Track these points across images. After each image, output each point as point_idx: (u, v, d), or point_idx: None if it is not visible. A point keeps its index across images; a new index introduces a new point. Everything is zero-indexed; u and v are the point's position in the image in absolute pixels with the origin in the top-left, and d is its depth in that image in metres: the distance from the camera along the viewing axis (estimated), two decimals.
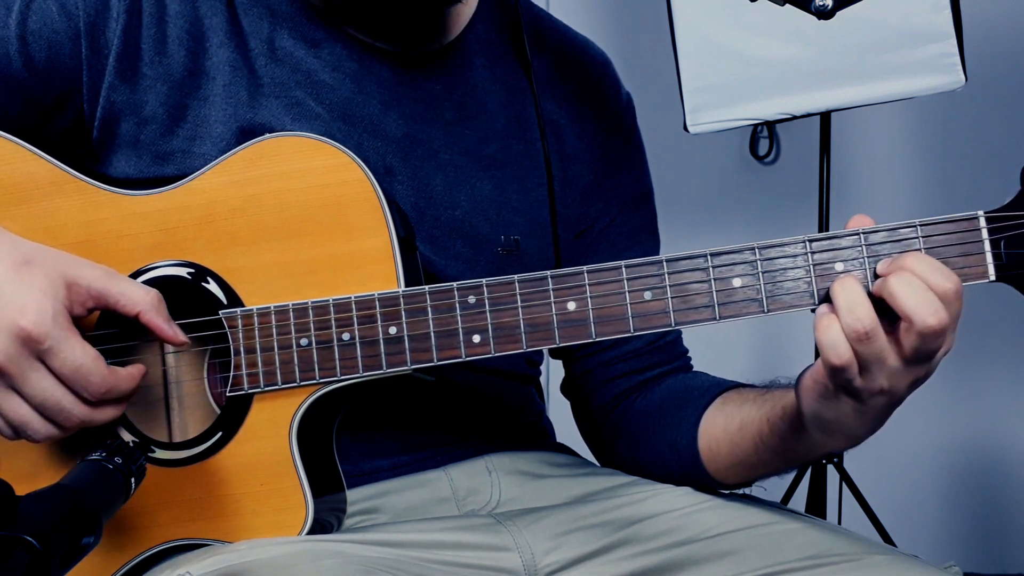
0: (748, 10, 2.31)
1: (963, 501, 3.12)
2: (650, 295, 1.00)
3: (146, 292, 1.00)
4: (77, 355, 0.95)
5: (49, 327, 0.94)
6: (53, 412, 0.96)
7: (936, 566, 1.06)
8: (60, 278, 0.97)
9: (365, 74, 1.19)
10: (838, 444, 1.05)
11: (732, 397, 1.18)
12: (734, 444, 1.14)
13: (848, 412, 0.99)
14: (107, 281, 0.99)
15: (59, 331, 0.95)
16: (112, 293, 0.99)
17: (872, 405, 0.98)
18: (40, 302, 0.94)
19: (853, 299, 0.94)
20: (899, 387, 0.97)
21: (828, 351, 0.95)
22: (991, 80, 2.80)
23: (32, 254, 0.98)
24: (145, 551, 1.04)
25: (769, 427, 1.10)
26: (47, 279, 0.96)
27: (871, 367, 0.95)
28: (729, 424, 1.15)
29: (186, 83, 1.13)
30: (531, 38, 1.28)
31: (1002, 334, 2.94)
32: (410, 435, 1.19)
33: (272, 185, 1.04)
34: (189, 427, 1.07)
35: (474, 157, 1.23)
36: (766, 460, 1.13)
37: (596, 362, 1.29)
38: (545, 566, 1.10)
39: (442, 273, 1.17)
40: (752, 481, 1.18)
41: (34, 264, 0.97)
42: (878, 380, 0.95)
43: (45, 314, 0.94)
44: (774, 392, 1.11)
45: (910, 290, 0.93)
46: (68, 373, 0.95)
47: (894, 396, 0.97)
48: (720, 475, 1.17)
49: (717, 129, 2.40)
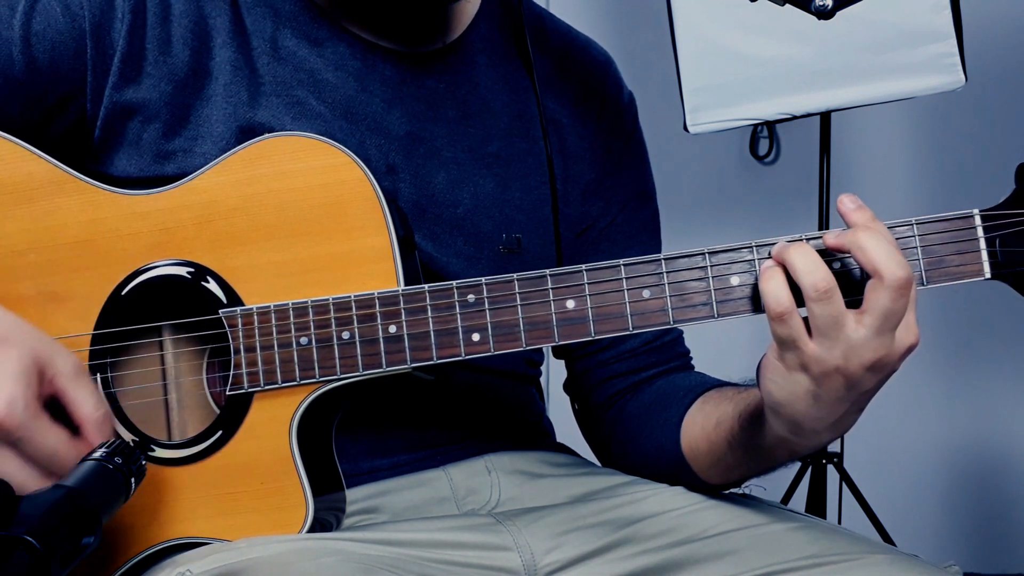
0: (748, 10, 2.31)
1: (963, 501, 3.12)
2: (649, 293, 1.00)
3: (97, 408, 0.98)
4: (50, 443, 0.94)
5: (20, 417, 0.92)
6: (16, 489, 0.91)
7: (936, 566, 1.05)
8: (33, 363, 0.94)
9: (368, 73, 1.19)
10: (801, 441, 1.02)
11: (712, 396, 1.18)
12: (711, 443, 1.13)
13: (801, 393, 0.96)
14: (69, 381, 0.97)
15: (31, 420, 0.93)
16: (70, 396, 0.97)
17: (828, 388, 0.95)
18: (11, 391, 0.92)
19: (812, 260, 0.94)
20: (856, 368, 0.93)
21: (769, 299, 0.94)
22: (991, 80, 2.80)
23: (6, 331, 0.96)
24: (145, 550, 1.04)
25: (739, 423, 1.09)
26: (20, 362, 0.93)
27: (828, 331, 0.93)
28: (707, 423, 1.14)
29: (189, 83, 1.14)
30: (533, 37, 1.28)
31: (1000, 333, 2.95)
32: (410, 434, 1.19)
33: (272, 184, 1.04)
34: (189, 426, 1.07)
35: (477, 155, 1.23)
36: (740, 458, 1.11)
37: (595, 361, 1.29)
38: (545, 566, 1.10)
39: (443, 271, 1.17)
40: (735, 481, 1.16)
41: (8, 345, 0.94)
42: (833, 352, 0.93)
43: (16, 403, 0.92)
44: (751, 389, 1.09)
45: (877, 243, 0.93)
46: (42, 459, 0.94)
47: (851, 379, 0.94)
48: (704, 475, 1.16)
49: (717, 129, 2.40)
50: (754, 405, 1.06)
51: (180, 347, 1.07)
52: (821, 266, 0.94)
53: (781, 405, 0.98)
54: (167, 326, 1.06)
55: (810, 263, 0.94)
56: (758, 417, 1.05)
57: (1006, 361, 3.05)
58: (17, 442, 0.93)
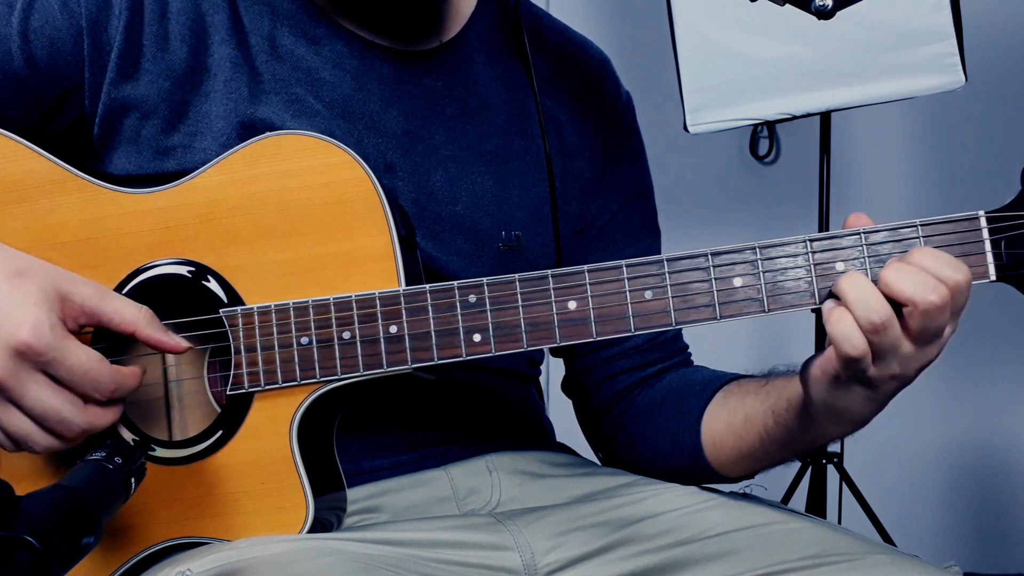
0: (748, 10, 2.31)
1: (963, 501, 3.12)
2: (651, 294, 1.00)
3: (139, 309, 1.00)
4: (83, 359, 0.95)
5: (49, 338, 0.93)
6: (53, 423, 0.95)
7: (936, 566, 1.05)
8: (54, 291, 0.96)
9: (365, 71, 1.19)
10: (845, 430, 1.06)
11: (733, 390, 1.19)
12: (739, 438, 1.15)
13: (858, 400, 1.01)
14: (100, 299, 0.99)
15: (59, 341, 0.94)
16: (106, 312, 0.98)
17: (884, 390, 1.00)
18: (36, 314, 0.94)
19: (865, 292, 0.95)
20: (909, 371, 0.98)
21: (843, 343, 0.96)
22: (991, 80, 2.80)
23: (25, 266, 0.97)
24: (145, 549, 1.04)
25: (775, 419, 1.11)
26: (41, 291, 0.95)
27: (885, 356, 0.96)
28: (733, 418, 1.16)
29: (187, 79, 1.14)
30: (530, 36, 1.28)
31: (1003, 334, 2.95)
32: (411, 434, 1.19)
33: (273, 183, 1.04)
34: (189, 426, 1.07)
35: (475, 153, 1.23)
36: (772, 452, 1.14)
37: (596, 359, 1.29)
38: (545, 565, 1.10)
39: (443, 269, 1.17)
40: (757, 472, 1.19)
41: (27, 276, 0.96)
42: (891, 367, 0.97)
43: (43, 325, 0.93)
44: (774, 383, 1.13)
45: (901, 275, 0.95)
46: (77, 379, 0.95)
47: (905, 379, 0.99)
48: (724, 469, 1.19)
49: (717, 129, 2.40)
50: (790, 403, 1.08)
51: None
52: (875, 297, 0.95)
53: (838, 411, 1.02)
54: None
55: (863, 293, 0.96)
56: (800, 414, 1.07)
57: (1006, 361, 3.06)
58: (48, 364, 0.94)
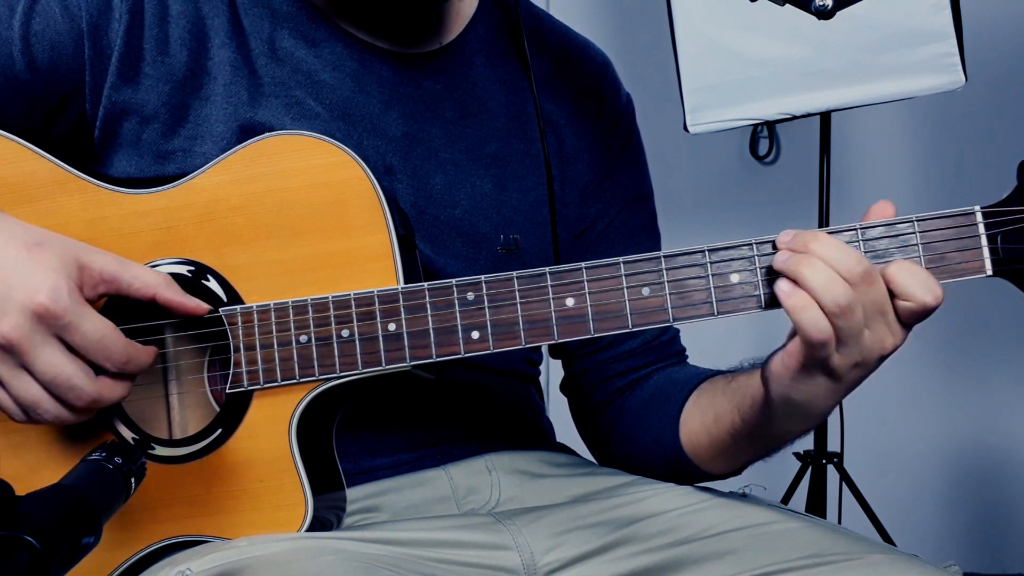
0: (748, 10, 2.31)
1: (963, 501, 3.12)
2: (648, 291, 1.00)
3: (157, 274, 1.02)
4: (98, 326, 0.96)
5: (67, 301, 0.95)
6: (63, 390, 0.96)
7: (936, 566, 1.05)
8: (72, 259, 0.98)
9: (365, 73, 1.19)
10: (803, 426, 1.06)
11: (705, 388, 1.19)
12: (712, 436, 1.16)
13: (821, 392, 1.00)
14: (119, 266, 1.00)
15: (76, 306, 0.95)
16: (125, 278, 1.00)
17: (847, 380, 0.98)
18: (54, 280, 0.95)
19: (826, 277, 0.94)
20: (871, 358, 0.97)
21: (809, 328, 0.95)
22: (991, 80, 2.80)
23: (43, 237, 0.99)
24: (145, 548, 1.04)
25: (740, 417, 1.11)
26: (59, 259, 0.97)
27: (849, 340, 0.95)
28: (705, 417, 1.17)
29: (188, 83, 1.14)
30: (531, 38, 1.28)
31: (1000, 332, 2.95)
32: (410, 434, 1.19)
33: (272, 183, 1.05)
34: (189, 424, 1.07)
35: (474, 156, 1.23)
36: (744, 448, 1.15)
37: (593, 362, 1.30)
38: (544, 565, 1.10)
39: (441, 272, 1.17)
40: (739, 467, 1.19)
41: (45, 246, 0.97)
42: (853, 354, 0.96)
43: (60, 290, 0.95)
44: (739, 379, 1.13)
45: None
46: (91, 345, 0.96)
47: (867, 368, 0.98)
48: (707, 466, 1.19)
49: (717, 129, 2.40)
50: (754, 400, 1.08)
51: (181, 345, 1.07)
52: (838, 282, 0.94)
53: (798, 406, 1.01)
54: (168, 324, 1.06)
55: (825, 279, 0.94)
56: (762, 411, 1.07)
57: (1006, 361, 3.05)
58: (64, 329, 0.95)
